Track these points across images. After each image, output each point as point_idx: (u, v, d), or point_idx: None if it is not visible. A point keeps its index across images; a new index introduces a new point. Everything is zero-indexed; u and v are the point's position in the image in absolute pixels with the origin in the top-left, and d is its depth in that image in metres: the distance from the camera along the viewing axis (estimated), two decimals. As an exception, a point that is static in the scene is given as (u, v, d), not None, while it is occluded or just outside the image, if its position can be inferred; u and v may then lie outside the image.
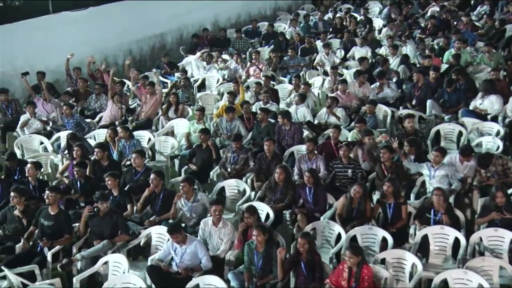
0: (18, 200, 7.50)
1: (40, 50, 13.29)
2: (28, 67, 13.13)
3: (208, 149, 9.52)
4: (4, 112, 11.51)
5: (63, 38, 13.72)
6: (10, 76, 12.99)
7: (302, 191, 8.13)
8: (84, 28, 14.30)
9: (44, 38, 13.33)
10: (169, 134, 10.95)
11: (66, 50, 13.51)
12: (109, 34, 15.08)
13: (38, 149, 10.34)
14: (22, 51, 13.05)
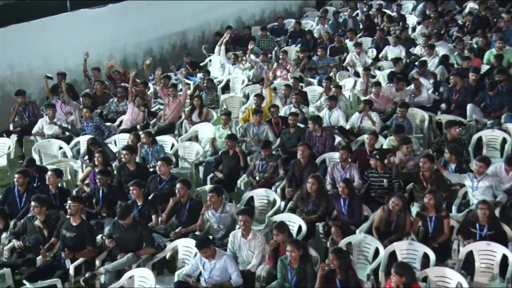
0: (39, 210, 7.55)
1: (58, 49, 13.43)
2: (45, 67, 13.28)
3: (235, 156, 9.50)
4: (21, 115, 11.62)
5: (81, 37, 13.82)
6: (27, 76, 13.14)
7: (336, 202, 8.07)
8: (103, 26, 14.40)
9: (61, 37, 13.43)
10: (193, 139, 10.98)
11: (84, 49, 13.56)
12: (129, 32, 15.18)
13: (57, 155, 10.42)
14: (39, 51, 13.18)
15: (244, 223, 7.24)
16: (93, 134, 10.70)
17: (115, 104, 12.03)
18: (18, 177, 8.41)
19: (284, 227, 7.13)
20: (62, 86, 11.73)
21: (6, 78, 12.80)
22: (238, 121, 11.49)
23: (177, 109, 11.63)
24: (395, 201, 7.57)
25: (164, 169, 8.63)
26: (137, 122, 11.42)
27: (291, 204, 8.30)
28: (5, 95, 12.75)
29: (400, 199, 7.61)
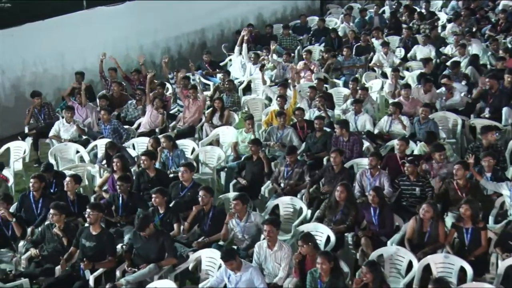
0: (58, 217, 7.58)
1: (73, 48, 13.57)
2: (61, 67, 13.42)
3: (259, 162, 9.48)
4: (36, 117, 11.70)
5: (97, 36, 13.94)
6: (42, 77, 13.26)
7: (366, 212, 8.03)
8: (119, 24, 14.49)
9: (77, 36, 13.54)
10: (214, 143, 10.99)
11: (100, 48, 13.70)
12: (146, 31, 15.25)
13: (73, 159, 10.48)
14: (54, 50, 13.32)
15: (269, 233, 7.21)
16: (110, 137, 10.76)
17: (133, 107, 12.06)
18: (33, 182, 8.47)
19: (309, 238, 7.09)
20: (80, 87, 11.75)
21: (20, 79, 12.94)
22: (261, 124, 11.45)
23: (198, 112, 11.64)
24: (425, 209, 7.51)
25: (187, 175, 8.64)
26: (156, 125, 11.45)
27: (319, 213, 8.27)
28: (19, 96, 12.90)
29: (430, 206, 7.54)
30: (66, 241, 7.57)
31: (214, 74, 14.54)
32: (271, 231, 7.22)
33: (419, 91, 11.75)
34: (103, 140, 10.62)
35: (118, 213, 8.44)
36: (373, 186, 8.29)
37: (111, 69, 13.11)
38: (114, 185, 8.94)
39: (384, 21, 17.30)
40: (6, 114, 12.61)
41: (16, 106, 12.73)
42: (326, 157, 9.93)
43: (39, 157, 11.45)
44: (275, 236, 7.29)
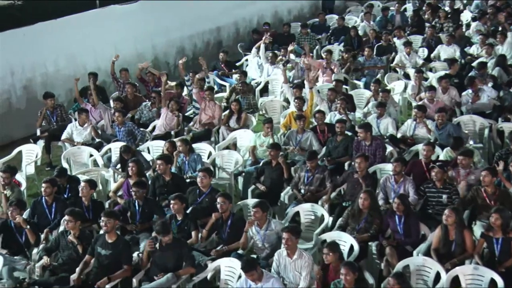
0: (73, 224, 7.60)
1: (86, 48, 13.68)
2: (73, 67, 13.49)
3: (279, 167, 9.45)
4: (48, 119, 11.76)
5: (110, 35, 14.04)
6: (53, 78, 13.34)
7: (390, 220, 7.98)
8: (133, 23, 14.58)
9: (89, 35, 13.64)
10: (231, 147, 10.99)
11: (113, 47, 13.81)
12: (160, 30, 15.31)
13: (87, 163, 10.52)
14: (66, 50, 13.40)
15: (287, 241, 7.20)
16: (125, 140, 10.80)
17: (148, 108, 12.08)
18: (45, 187, 8.51)
19: (336, 247, 7.08)
20: (92, 88, 11.76)
21: (32, 79, 13.02)
22: (280, 127, 11.42)
23: (214, 114, 11.63)
24: (447, 213, 7.49)
25: (205, 181, 8.64)
26: (171, 128, 11.47)
27: (341, 221, 8.23)
28: (31, 97, 12.99)
29: (453, 211, 7.51)
30: (81, 249, 7.60)
31: (230, 74, 14.55)
32: (290, 239, 7.20)
33: (437, 92, 11.66)
34: (117, 143, 10.67)
35: (134, 220, 8.43)
36: (398, 194, 8.24)
37: (123, 70, 13.13)
38: (129, 190, 8.96)
39: (406, 20, 17.22)
40: (18, 116, 12.72)
41: (27, 108, 12.83)
42: (347, 162, 9.91)
43: (51, 161, 11.53)
44: (294, 245, 7.27)
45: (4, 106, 12.58)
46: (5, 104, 12.60)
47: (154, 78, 13.02)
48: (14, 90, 12.68)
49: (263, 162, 9.77)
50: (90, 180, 8.72)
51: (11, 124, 12.56)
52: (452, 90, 11.66)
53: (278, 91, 13.50)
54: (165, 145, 9.94)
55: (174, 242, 7.44)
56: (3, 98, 12.55)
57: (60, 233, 7.83)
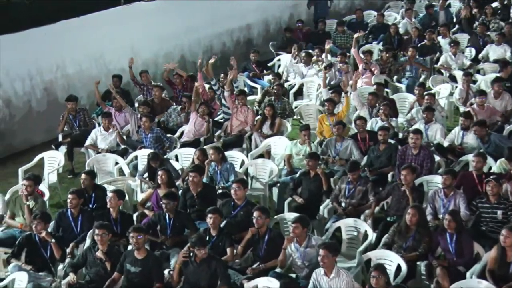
0: (107, 238, 7.64)
1: (109, 47, 13.82)
2: (96, 68, 13.63)
3: (317, 178, 9.40)
4: (71, 124, 11.86)
5: (135, 33, 14.16)
6: (76, 79, 13.48)
7: (441, 238, 7.89)
8: (159, 20, 14.64)
9: (113, 34, 13.78)
10: (264, 155, 10.98)
11: (139, 46, 13.90)
12: (187, 27, 15.37)
13: (112, 171, 10.59)
14: (90, 50, 13.55)
15: (323, 258, 7.17)
16: (152, 147, 10.84)
17: (177, 113, 12.10)
18: (71, 198, 8.56)
19: (385, 269, 7.03)
20: (114, 92, 11.80)
21: (53, 81, 13.17)
22: (316, 133, 11.38)
23: (246, 120, 11.64)
24: (504, 234, 7.36)
25: (239, 193, 8.62)
26: (201, 134, 11.50)
27: (387, 238, 8.15)
28: (52, 100, 13.16)
29: (511, 231, 7.36)
30: (110, 266, 7.62)
31: (261, 76, 14.54)
32: (326, 257, 7.17)
33: (489, 96, 11.52)
34: (143, 151, 10.72)
35: (164, 234, 8.44)
36: (449, 210, 8.13)
37: (143, 72, 13.18)
38: (158, 202, 8.98)
39: (450, 17, 17.04)
40: (38, 120, 12.88)
41: (48, 111, 13.00)
42: (391, 173, 9.83)
43: (73, 168, 11.64)
44: (331, 262, 7.23)
45: (24, 109, 12.74)
46: (25, 107, 12.76)
47: (181, 80, 13.05)
48: (34, 92, 12.84)
49: (300, 172, 9.72)
50: (118, 190, 8.74)
51: (31, 128, 12.71)
52: (506, 95, 11.50)
53: (314, 94, 13.46)
54: (195, 153, 9.95)
55: (208, 258, 7.44)
56: (23, 100, 12.71)
57: (87, 249, 7.86)
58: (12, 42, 12.12)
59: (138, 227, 7.73)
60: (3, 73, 12.26)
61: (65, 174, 11.48)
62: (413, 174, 8.82)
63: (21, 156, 12.30)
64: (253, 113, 11.77)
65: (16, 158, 12.32)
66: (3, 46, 12.01)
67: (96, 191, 9.22)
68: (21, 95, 12.64)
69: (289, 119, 12.18)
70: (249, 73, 14.44)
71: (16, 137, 12.63)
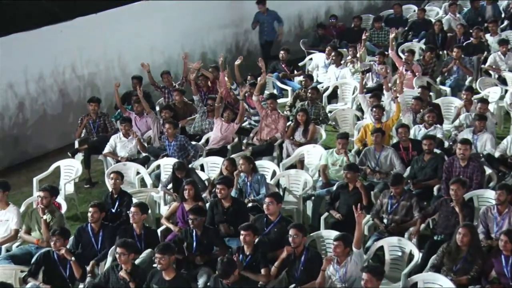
0: (126, 257, 7.62)
1: (129, 45, 13.93)
2: (114, 68, 13.73)
3: (356, 192, 9.34)
4: (89, 129, 11.93)
5: (156, 30, 14.26)
6: (91, 80, 13.56)
7: (495, 261, 7.81)
8: (179, 16, 14.70)
9: (135, 31, 13.89)
10: (297, 165, 10.95)
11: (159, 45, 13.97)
12: (210, 24, 15.44)
13: (133, 182, 10.63)
14: (109, 48, 13.68)
15: (366, 283, 7.16)
16: (176, 155, 10.86)
17: (202, 118, 12.12)
18: (93, 212, 8.61)
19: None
20: (141, 96, 11.84)
21: (68, 83, 13.25)
22: (354, 141, 11.35)
23: (277, 126, 11.62)
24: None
25: (273, 207, 8.59)
26: (228, 141, 11.52)
27: (435, 260, 8.08)
28: (67, 103, 13.28)
29: None
30: (134, 286, 7.63)
31: (292, 77, 14.51)
32: (370, 281, 7.15)
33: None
34: (167, 159, 10.75)
35: (191, 252, 8.45)
36: (505, 230, 8.02)
37: (165, 73, 13.22)
38: (184, 216, 9.01)
39: (498, 11, 16.88)
40: (52, 124, 13.01)
41: (62, 115, 13.13)
42: (436, 186, 9.75)
43: (90, 177, 11.73)
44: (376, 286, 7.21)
45: (38, 112, 12.86)
46: (40, 110, 12.89)
47: (207, 82, 13.07)
48: (48, 95, 12.94)
49: (337, 185, 9.69)
50: (141, 204, 8.75)
51: (45, 133, 12.85)
52: None
53: (349, 98, 13.43)
54: (224, 163, 9.95)
55: (241, 282, 7.42)
56: (38, 103, 12.83)
57: (110, 267, 7.87)
58: (25, 40, 12.24)
59: (163, 246, 7.66)
60: (15, 74, 12.37)
61: (82, 183, 11.56)
62: (463, 188, 8.74)
63: (35, 163, 12.51)
64: (284, 119, 11.76)
65: (29, 165, 12.49)
66: (15, 45, 12.13)
67: (121, 196, 9.33)
68: (35, 97, 12.77)
69: (323, 125, 12.17)
70: (278, 74, 14.44)
71: (29, 142, 12.77)
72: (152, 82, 13.13)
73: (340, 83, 13.76)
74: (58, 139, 12.91)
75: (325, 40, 15.97)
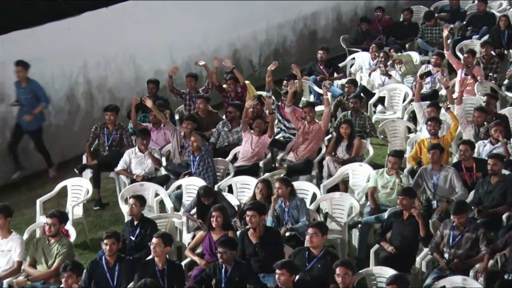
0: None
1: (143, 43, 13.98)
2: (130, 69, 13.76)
3: (412, 221, 9.23)
4: (102, 141, 11.97)
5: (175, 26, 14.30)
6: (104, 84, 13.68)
7: None
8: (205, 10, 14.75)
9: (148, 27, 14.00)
10: (340, 187, 10.93)
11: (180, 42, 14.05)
12: (240, 18, 15.50)
13: (151, 205, 10.64)
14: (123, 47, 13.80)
15: None
16: (199, 173, 10.88)
17: (227, 128, 12.18)
18: (109, 243, 8.60)
19: None
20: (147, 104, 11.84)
21: (74, 87, 13.35)
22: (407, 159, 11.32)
23: (316, 140, 11.64)
24: None
25: (317, 240, 8.52)
26: (260, 157, 11.55)
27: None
28: (73, 111, 13.36)
29: None
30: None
31: (331, 80, 14.50)
32: None
33: None
34: (190, 179, 10.80)
35: (221, 290, 8.48)
36: None
37: (190, 77, 13.25)
38: (212, 248, 9.03)
39: None
40: (57, 135, 13.10)
41: (68, 124, 13.25)
42: (506, 214, 9.69)
43: (100, 197, 11.81)
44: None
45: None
46: (41, 118, 12.97)
47: (236, 86, 13.07)
48: (52, 101, 12.94)
49: (390, 212, 9.65)
50: (165, 235, 8.73)
51: (47, 144, 12.81)
52: None
53: (400, 106, 13.40)
54: (258, 186, 9.93)
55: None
56: (41, 110, 12.91)
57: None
58: (28, 38, 12.34)
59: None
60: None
61: (90, 205, 11.64)
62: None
63: (36, 180, 12.61)
64: (326, 124, 11.80)
65: (30, 182, 12.60)
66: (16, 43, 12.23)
67: (143, 224, 9.40)
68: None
69: (369, 139, 12.16)
70: (316, 77, 14.45)
71: (29, 156, 12.82)
72: (171, 88, 13.20)
73: (388, 88, 13.75)
74: (62, 153, 13.01)
75: (370, 36, 16.01)
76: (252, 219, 8.97)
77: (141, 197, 9.65)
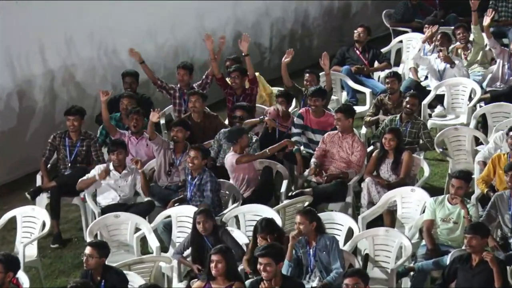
0: None
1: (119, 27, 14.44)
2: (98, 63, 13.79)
3: (484, 268, 9.22)
4: (62, 156, 12.01)
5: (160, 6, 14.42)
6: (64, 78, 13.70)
7: None
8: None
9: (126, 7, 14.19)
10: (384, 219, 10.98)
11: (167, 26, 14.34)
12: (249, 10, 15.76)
13: (130, 243, 10.67)
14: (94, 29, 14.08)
15: None
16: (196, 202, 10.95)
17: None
18: None
19: None
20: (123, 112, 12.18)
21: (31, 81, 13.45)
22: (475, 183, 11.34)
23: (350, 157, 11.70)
24: None
25: (356, 287, 8.62)
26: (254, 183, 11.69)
27: None
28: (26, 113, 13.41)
29: None
30: None
31: (371, 71, 14.50)
32: None
33: None
34: (183, 209, 10.79)
35: None
36: None
37: (182, 68, 13.36)
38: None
39: None
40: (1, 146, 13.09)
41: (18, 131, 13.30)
42: None
43: (59, 231, 11.83)
44: None
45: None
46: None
47: (243, 81, 13.08)
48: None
49: (454, 256, 9.61)
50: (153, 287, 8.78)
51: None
52: None
53: (464, 108, 13.41)
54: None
55: None
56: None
57: None
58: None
59: None
60: None
61: (46, 241, 11.66)
62: None
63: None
64: (363, 147, 11.85)
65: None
66: None
67: (106, 277, 9.21)
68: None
69: (422, 153, 12.18)
70: (350, 68, 14.45)
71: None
72: (153, 79, 13.29)
73: (449, 84, 13.79)
74: (10, 170, 13.11)
75: (423, 12, 16.13)
76: (267, 268, 8.89)
77: (100, 244, 9.33)
